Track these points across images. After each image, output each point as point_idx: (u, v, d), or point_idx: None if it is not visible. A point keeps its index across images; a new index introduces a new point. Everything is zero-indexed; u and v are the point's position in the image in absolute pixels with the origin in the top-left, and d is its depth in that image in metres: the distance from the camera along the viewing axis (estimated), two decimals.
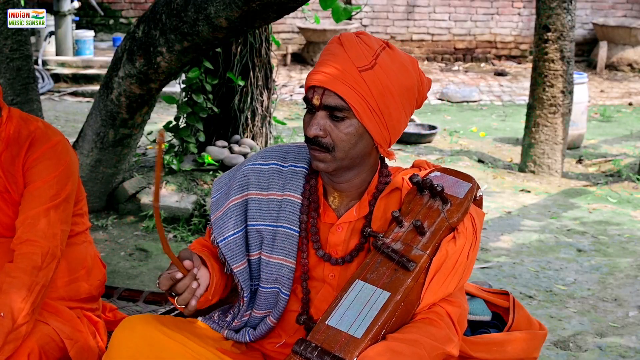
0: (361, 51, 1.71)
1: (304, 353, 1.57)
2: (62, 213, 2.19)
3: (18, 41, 3.69)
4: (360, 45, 1.72)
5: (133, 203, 4.45)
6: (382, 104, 1.70)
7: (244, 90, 4.94)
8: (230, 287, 1.94)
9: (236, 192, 1.85)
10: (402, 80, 1.72)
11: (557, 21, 5.79)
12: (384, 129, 1.73)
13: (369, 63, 1.70)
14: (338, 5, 3.80)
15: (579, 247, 4.35)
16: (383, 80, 1.70)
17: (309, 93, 1.73)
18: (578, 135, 7.17)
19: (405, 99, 1.74)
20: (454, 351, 1.66)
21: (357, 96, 1.69)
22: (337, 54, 1.72)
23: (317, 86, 1.71)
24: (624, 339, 3.22)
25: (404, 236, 1.70)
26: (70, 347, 2.18)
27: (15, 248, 2.12)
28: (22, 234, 2.12)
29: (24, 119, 2.26)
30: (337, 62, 1.70)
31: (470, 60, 11.45)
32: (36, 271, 2.08)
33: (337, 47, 1.74)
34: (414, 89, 1.75)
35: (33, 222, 2.13)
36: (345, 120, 1.71)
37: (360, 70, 1.69)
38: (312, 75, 1.72)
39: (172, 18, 3.53)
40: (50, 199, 2.16)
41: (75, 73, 8.74)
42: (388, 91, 1.70)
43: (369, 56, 1.71)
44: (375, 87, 1.69)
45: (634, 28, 10.75)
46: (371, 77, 1.69)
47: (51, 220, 2.15)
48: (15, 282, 2.05)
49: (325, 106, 1.70)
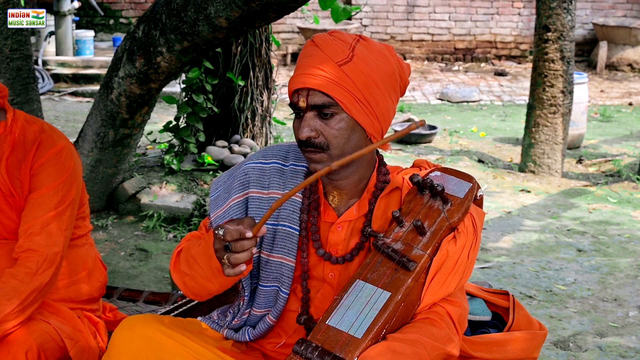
0: (337, 47, 1.72)
1: (305, 353, 1.57)
2: (65, 219, 2.20)
3: (18, 41, 3.69)
4: (334, 41, 1.73)
5: (133, 203, 4.45)
6: (368, 93, 1.71)
7: (244, 90, 4.94)
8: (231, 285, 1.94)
9: (237, 190, 1.85)
10: (382, 67, 1.73)
11: (557, 21, 5.80)
12: (374, 119, 1.73)
13: (346, 56, 1.71)
14: (337, 5, 3.79)
15: (579, 247, 4.35)
16: (364, 70, 1.70)
17: (294, 98, 1.73)
18: (578, 135, 7.17)
19: (389, 85, 1.75)
20: (454, 351, 1.66)
21: (341, 90, 1.69)
22: (314, 54, 1.73)
23: (300, 89, 1.71)
24: (624, 339, 3.22)
25: (405, 236, 1.70)
26: (71, 347, 2.18)
27: (16, 257, 2.13)
28: (23, 242, 2.13)
29: (29, 122, 2.26)
30: (315, 62, 1.71)
31: (470, 60, 11.45)
32: (28, 277, 2.09)
33: (313, 48, 1.75)
34: (395, 74, 1.76)
35: (35, 232, 2.13)
36: (335, 116, 1.71)
37: (339, 65, 1.70)
38: (294, 79, 1.73)
39: (172, 18, 3.53)
40: (55, 207, 2.17)
41: (75, 73, 8.74)
42: (371, 80, 1.71)
43: (345, 50, 1.71)
44: (358, 78, 1.70)
45: (634, 28, 10.75)
46: (352, 69, 1.70)
47: (53, 229, 2.16)
48: (3, 286, 2.06)
49: (313, 106, 1.71)
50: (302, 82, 1.70)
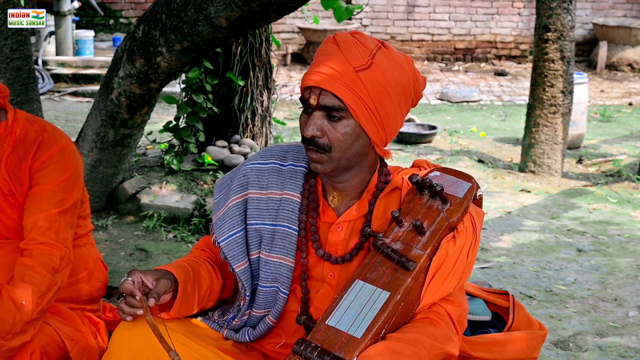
0: (357, 51, 1.71)
1: (304, 353, 1.57)
2: (70, 218, 2.20)
3: (18, 41, 3.69)
4: (356, 45, 1.72)
5: (133, 203, 4.45)
6: (379, 103, 1.70)
7: (244, 90, 4.94)
8: (234, 287, 1.95)
9: (236, 191, 1.85)
10: (398, 79, 1.72)
11: (557, 21, 5.79)
12: (381, 129, 1.73)
13: (365, 63, 1.70)
14: (340, 4, 3.79)
15: (579, 247, 4.35)
16: (380, 80, 1.70)
17: (305, 93, 1.73)
18: (578, 135, 7.17)
19: (402, 98, 1.74)
20: (454, 351, 1.66)
21: (354, 96, 1.68)
22: (333, 54, 1.72)
23: (313, 86, 1.71)
24: (624, 339, 3.22)
25: (404, 236, 1.70)
26: (71, 348, 2.19)
27: (30, 248, 2.11)
28: (37, 235, 2.12)
29: (30, 121, 2.26)
30: (333, 62, 1.70)
31: (470, 60, 11.45)
32: (55, 273, 2.10)
33: (333, 47, 1.73)
34: (410, 87, 1.75)
35: (47, 225, 2.13)
36: (342, 121, 1.71)
37: (357, 70, 1.69)
38: (309, 76, 1.72)
39: (172, 18, 3.53)
40: (59, 204, 2.17)
41: (75, 73, 8.74)
42: (384, 90, 1.70)
43: (365, 56, 1.70)
44: (372, 87, 1.69)
45: (634, 28, 10.75)
46: (368, 77, 1.69)
47: (62, 225, 2.16)
48: (38, 277, 2.06)
49: (322, 106, 1.70)
50: (316, 81, 1.70)
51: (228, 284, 1.95)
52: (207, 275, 1.87)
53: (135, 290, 1.67)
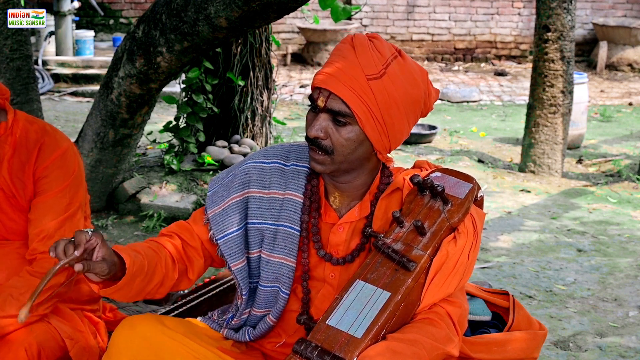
0: (372, 58, 1.69)
1: (304, 353, 1.57)
2: (76, 221, 2.21)
3: (18, 41, 3.69)
4: (372, 51, 1.70)
5: (133, 203, 4.45)
6: (387, 114, 1.70)
7: (244, 90, 4.94)
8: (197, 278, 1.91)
9: (237, 189, 1.85)
10: (409, 92, 1.71)
11: (557, 21, 5.80)
12: (385, 138, 1.72)
13: (378, 72, 1.68)
14: (337, 5, 3.80)
15: (579, 247, 4.35)
16: (390, 91, 1.69)
17: (315, 93, 1.73)
18: (578, 135, 7.17)
19: (410, 110, 1.73)
20: (454, 351, 1.66)
21: (362, 104, 1.68)
22: (348, 57, 1.70)
23: (323, 88, 1.71)
24: (624, 339, 3.22)
25: (405, 236, 1.70)
26: (71, 347, 2.19)
27: (38, 258, 2.14)
28: (38, 246, 2.15)
29: (30, 122, 2.26)
30: (346, 66, 1.69)
31: (470, 60, 11.45)
32: None
33: (349, 49, 1.72)
34: (420, 101, 1.74)
35: (50, 235, 2.15)
36: (347, 126, 1.70)
37: (368, 79, 1.68)
38: (320, 76, 1.71)
39: (172, 18, 3.53)
40: (65, 209, 2.18)
41: (75, 73, 8.74)
42: (394, 101, 1.69)
43: (379, 64, 1.69)
44: (381, 97, 1.68)
45: (634, 28, 10.75)
46: (379, 87, 1.68)
47: (66, 231, 2.16)
48: (20, 281, 2.09)
49: (329, 110, 1.70)
50: (326, 84, 1.69)
51: (191, 277, 1.88)
52: (162, 272, 1.80)
53: (81, 247, 1.60)
